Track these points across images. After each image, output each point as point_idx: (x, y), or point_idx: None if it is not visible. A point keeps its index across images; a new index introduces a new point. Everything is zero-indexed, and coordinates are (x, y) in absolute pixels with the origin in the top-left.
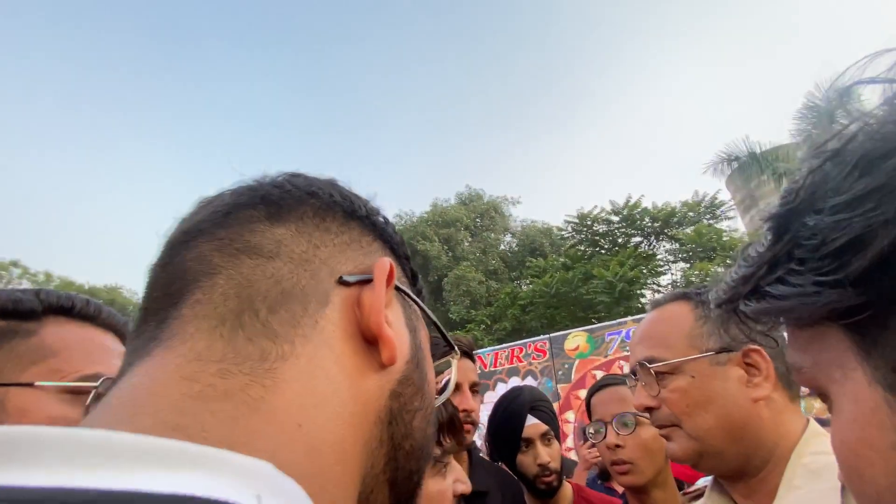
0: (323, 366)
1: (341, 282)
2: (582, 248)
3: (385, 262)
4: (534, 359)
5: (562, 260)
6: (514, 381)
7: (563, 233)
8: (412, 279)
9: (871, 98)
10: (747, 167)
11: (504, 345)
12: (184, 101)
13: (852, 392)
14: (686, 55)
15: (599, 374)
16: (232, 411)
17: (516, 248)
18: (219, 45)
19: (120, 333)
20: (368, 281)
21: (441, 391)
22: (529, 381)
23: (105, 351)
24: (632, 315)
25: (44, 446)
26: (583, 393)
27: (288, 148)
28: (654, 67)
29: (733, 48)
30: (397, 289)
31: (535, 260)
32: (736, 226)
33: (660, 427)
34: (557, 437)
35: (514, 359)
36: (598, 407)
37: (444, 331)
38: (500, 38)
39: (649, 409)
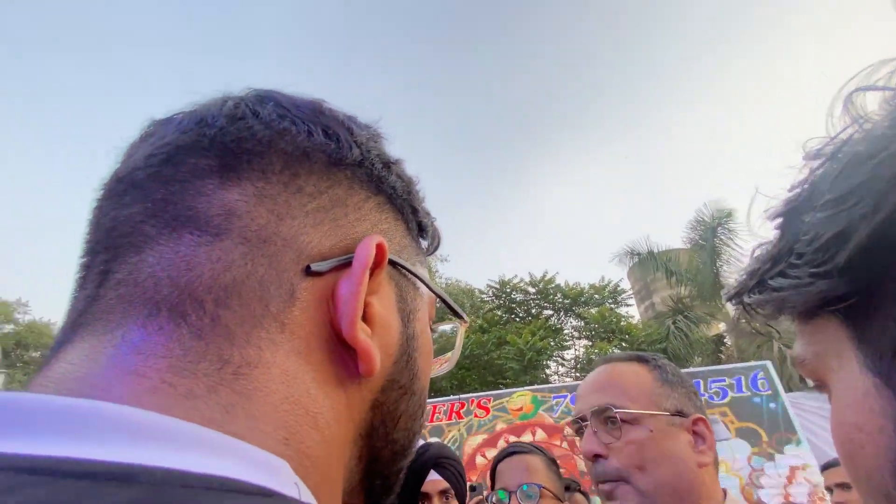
0: (301, 380)
1: (310, 272)
2: (499, 313)
3: (368, 248)
4: (475, 416)
5: (479, 322)
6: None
7: (483, 296)
8: (421, 232)
9: (872, 105)
10: (646, 262)
11: (444, 398)
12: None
13: (847, 379)
14: (603, 163)
15: (512, 438)
16: (206, 412)
17: (438, 306)
18: None
19: None
20: (349, 263)
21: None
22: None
23: None
24: (537, 384)
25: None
26: (491, 453)
27: None
28: (580, 163)
29: (648, 167)
30: (392, 263)
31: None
32: (633, 313)
33: (602, 481)
34: (461, 498)
35: (454, 414)
36: (504, 475)
37: (451, 303)
38: (448, 104)
39: (596, 458)
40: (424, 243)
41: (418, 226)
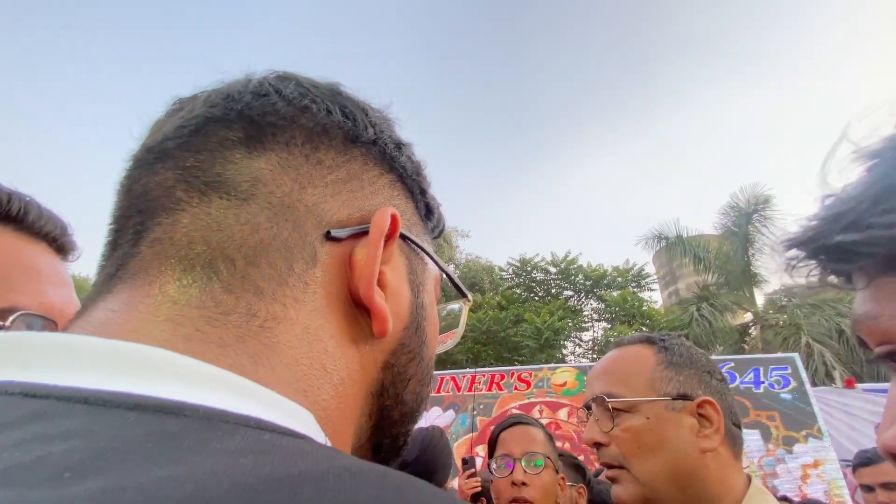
0: (320, 337)
1: (330, 237)
2: (518, 291)
3: (384, 217)
4: (516, 388)
5: (498, 299)
6: (436, 412)
7: (503, 273)
8: (427, 214)
9: None
10: (673, 247)
11: (485, 369)
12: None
13: None
14: (636, 143)
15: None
16: (235, 359)
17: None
18: None
19: (56, 243)
20: (364, 233)
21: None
22: (451, 413)
23: (28, 273)
24: (553, 363)
25: (90, 354)
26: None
27: None
28: (610, 142)
29: (679, 149)
30: (403, 237)
31: (473, 294)
32: (656, 298)
33: (607, 466)
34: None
35: (494, 385)
36: (507, 442)
37: (457, 282)
38: (476, 80)
39: (598, 445)
40: (430, 225)
41: (426, 207)
